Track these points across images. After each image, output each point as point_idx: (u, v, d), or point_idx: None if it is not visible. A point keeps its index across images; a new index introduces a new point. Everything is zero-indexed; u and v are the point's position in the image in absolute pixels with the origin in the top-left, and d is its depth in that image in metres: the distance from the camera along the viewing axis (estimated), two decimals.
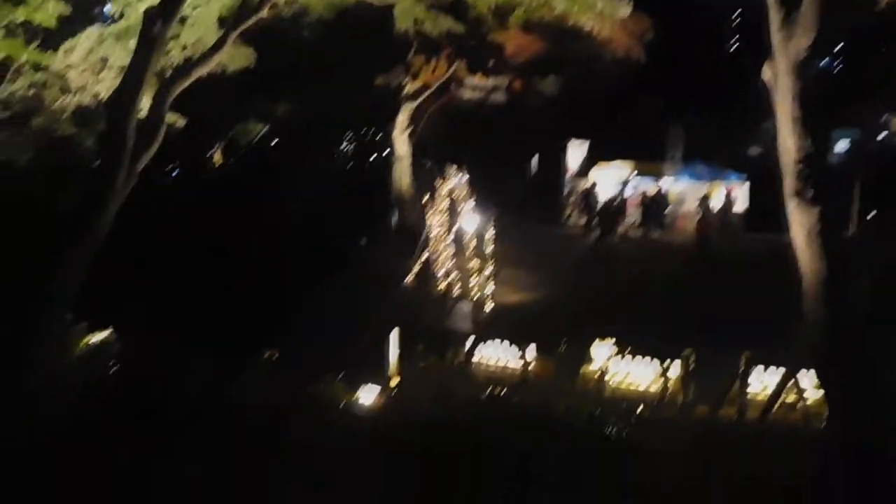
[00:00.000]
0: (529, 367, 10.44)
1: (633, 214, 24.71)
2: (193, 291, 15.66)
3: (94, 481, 5.92)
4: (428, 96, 23.14)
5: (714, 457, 7.40)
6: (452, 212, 19.39)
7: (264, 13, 9.20)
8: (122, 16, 10.99)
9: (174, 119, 10.94)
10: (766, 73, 7.08)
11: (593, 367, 10.44)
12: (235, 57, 10.96)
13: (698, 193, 24.86)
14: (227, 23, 9.67)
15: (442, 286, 17.33)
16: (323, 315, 14.69)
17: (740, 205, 24.89)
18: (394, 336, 10.10)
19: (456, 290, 16.86)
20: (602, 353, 9.81)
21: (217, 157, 27.51)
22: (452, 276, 17.04)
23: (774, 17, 6.95)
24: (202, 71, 8.71)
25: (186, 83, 8.72)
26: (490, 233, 21.79)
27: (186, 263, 17.67)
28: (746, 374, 9.00)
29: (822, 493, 7.13)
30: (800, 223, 7.15)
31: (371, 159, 29.27)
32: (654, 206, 23.84)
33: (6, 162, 12.25)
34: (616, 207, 23.37)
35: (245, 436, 7.03)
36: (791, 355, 8.99)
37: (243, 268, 18.14)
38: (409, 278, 18.04)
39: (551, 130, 27.60)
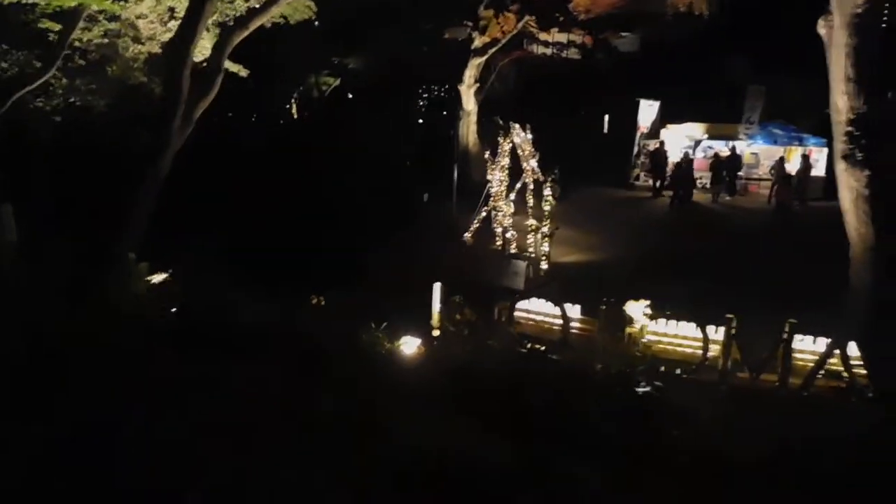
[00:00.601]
0: (571, 326, 10.46)
1: (703, 177, 24.03)
2: (256, 240, 16.23)
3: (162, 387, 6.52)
4: (497, 52, 22.90)
5: (737, 420, 7.34)
6: (517, 169, 19.33)
7: None
8: None
9: (237, 69, 11.26)
10: (821, 27, 6.83)
11: (638, 328, 10.39)
12: (297, 9, 11.13)
13: (774, 157, 24.02)
14: None
15: (500, 243, 17.41)
16: (378, 266, 15.08)
17: (819, 170, 23.83)
18: (436, 290, 10.30)
19: (513, 248, 16.91)
20: (636, 312, 9.76)
21: (293, 110, 28.06)
22: (511, 233, 17.06)
23: None
24: (259, 22, 8.95)
25: (245, 34, 8.99)
26: (554, 191, 21.72)
27: (254, 213, 18.34)
28: (790, 341, 8.81)
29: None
30: (847, 186, 6.95)
31: (440, 115, 29.28)
32: (726, 168, 23.10)
33: (85, 107, 12.88)
34: (685, 169, 22.76)
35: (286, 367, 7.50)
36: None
37: (308, 220, 18.62)
38: (468, 234, 18.21)
39: (623, 89, 26.97)
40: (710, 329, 9.48)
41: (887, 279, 6.94)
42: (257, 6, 9.76)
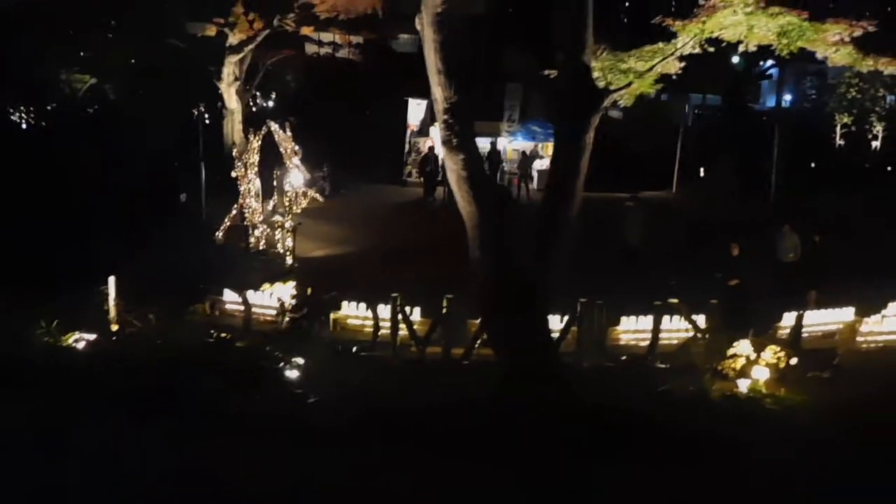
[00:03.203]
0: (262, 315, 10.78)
1: None
2: None
3: None
4: (258, 49, 22.79)
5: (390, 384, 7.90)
6: (277, 166, 19.41)
7: None
8: None
9: None
10: (417, 23, 7.46)
11: (342, 313, 10.84)
12: None
13: (535, 153, 25.71)
14: None
15: (251, 240, 17.36)
16: (112, 266, 14.58)
17: None
18: (111, 284, 10.19)
19: (262, 245, 16.97)
20: (284, 295, 10.22)
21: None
22: (259, 230, 17.09)
23: None
24: None
25: None
26: (322, 189, 22.00)
27: None
28: (446, 317, 9.57)
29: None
30: (450, 169, 7.64)
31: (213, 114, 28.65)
32: (488, 164, 24.38)
33: None
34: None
35: None
36: None
37: (49, 222, 17.60)
38: (220, 233, 17.96)
39: (400, 89, 27.73)
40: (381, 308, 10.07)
41: (495, 253, 7.70)
42: None
